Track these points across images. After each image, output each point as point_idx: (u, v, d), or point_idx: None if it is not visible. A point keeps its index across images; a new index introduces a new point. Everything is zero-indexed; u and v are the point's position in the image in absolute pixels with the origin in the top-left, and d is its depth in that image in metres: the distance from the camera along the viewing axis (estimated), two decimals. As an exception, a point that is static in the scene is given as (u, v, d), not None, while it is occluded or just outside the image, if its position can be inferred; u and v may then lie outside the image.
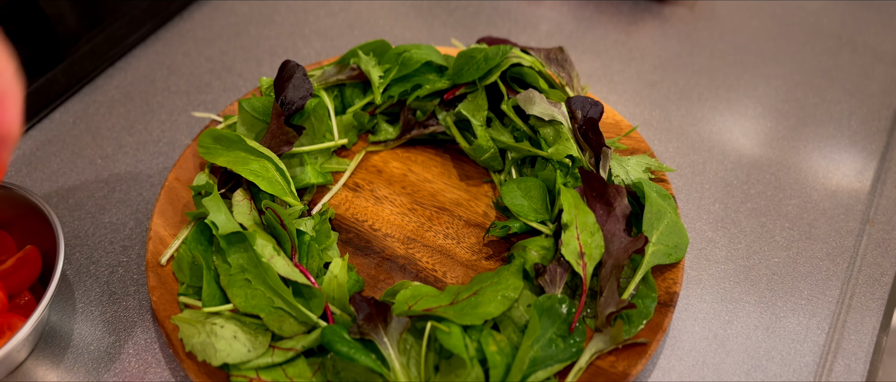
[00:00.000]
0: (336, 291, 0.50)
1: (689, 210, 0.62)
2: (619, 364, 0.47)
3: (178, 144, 0.67)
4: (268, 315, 0.47)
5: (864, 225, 0.61)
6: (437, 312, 0.46)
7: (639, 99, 0.72)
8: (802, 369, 0.51)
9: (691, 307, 0.54)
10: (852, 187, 0.64)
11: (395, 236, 0.56)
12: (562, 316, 0.47)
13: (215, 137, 0.57)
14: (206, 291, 0.49)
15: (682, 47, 0.79)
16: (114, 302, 0.55)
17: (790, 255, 0.58)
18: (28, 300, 0.52)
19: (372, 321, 0.46)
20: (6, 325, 0.49)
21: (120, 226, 0.60)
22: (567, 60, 0.65)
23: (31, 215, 0.53)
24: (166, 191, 0.57)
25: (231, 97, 0.71)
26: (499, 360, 0.45)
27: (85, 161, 0.65)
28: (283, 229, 0.51)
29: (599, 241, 0.50)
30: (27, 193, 0.52)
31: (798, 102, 0.72)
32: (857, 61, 0.77)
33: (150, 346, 0.52)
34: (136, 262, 0.57)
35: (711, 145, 0.67)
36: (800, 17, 0.83)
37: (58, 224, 0.51)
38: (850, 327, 0.54)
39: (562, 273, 0.49)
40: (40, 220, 0.52)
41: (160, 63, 0.75)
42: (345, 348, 0.44)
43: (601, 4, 0.84)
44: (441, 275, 0.53)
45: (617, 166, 0.56)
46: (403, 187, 0.59)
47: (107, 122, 0.69)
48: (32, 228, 0.53)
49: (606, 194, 0.52)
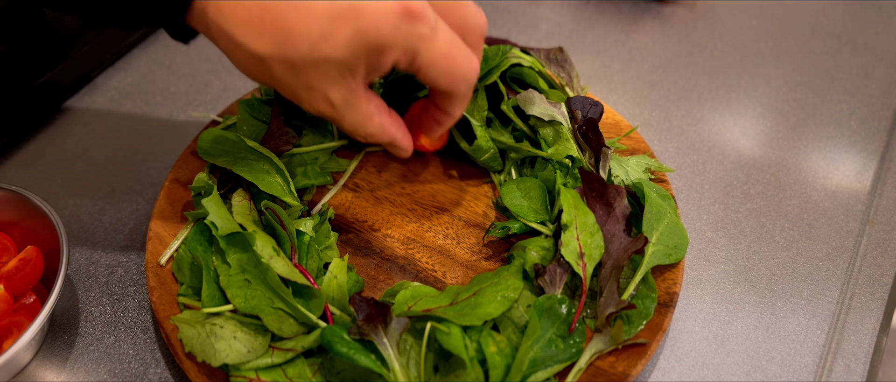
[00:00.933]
0: (336, 291, 0.50)
1: (689, 210, 0.62)
2: (618, 365, 0.47)
3: (177, 144, 0.67)
4: (267, 316, 0.47)
5: (864, 225, 0.61)
6: (437, 312, 0.46)
7: (639, 99, 0.72)
8: (802, 369, 0.51)
9: (691, 308, 0.54)
10: (852, 187, 0.64)
11: (395, 237, 0.56)
12: (561, 317, 0.47)
13: (214, 138, 0.57)
14: (205, 291, 0.49)
15: (682, 47, 0.79)
16: (114, 302, 0.55)
17: (790, 255, 0.58)
18: (33, 301, 0.52)
19: (372, 322, 0.46)
20: (13, 325, 0.49)
21: (120, 226, 0.60)
22: (567, 60, 0.65)
23: (30, 217, 0.53)
24: (166, 191, 0.57)
25: (231, 97, 0.71)
26: (498, 361, 0.45)
27: (84, 161, 0.65)
28: (283, 230, 0.51)
29: (599, 241, 0.50)
30: (27, 194, 0.52)
31: (798, 102, 0.72)
32: (857, 61, 0.77)
33: (150, 346, 0.52)
34: (136, 262, 0.57)
35: (711, 145, 0.67)
36: (800, 17, 0.83)
37: (60, 224, 0.51)
38: (850, 327, 0.54)
39: (561, 274, 0.49)
40: (40, 221, 0.52)
41: (160, 63, 0.75)
42: (344, 348, 0.44)
43: (601, 4, 0.84)
44: (441, 275, 0.53)
45: (617, 166, 0.56)
46: (403, 187, 0.59)
47: (107, 122, 0.69)
48: (32, 229, 0.53)
49: (606, 194, 0.52)
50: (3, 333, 0.49)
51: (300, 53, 0.38)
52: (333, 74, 0.40)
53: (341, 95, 0.42)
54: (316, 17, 0.37)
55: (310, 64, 0.39)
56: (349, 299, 0.48)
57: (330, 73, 0.40)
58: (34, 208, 0.52)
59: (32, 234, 0.53)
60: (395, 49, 0.39)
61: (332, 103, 0.42)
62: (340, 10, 0.37)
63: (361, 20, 0.38)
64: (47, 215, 0.51)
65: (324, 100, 0.42)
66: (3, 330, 0.49)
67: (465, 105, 0.47)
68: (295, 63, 0.39)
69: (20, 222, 0.54)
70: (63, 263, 0.49)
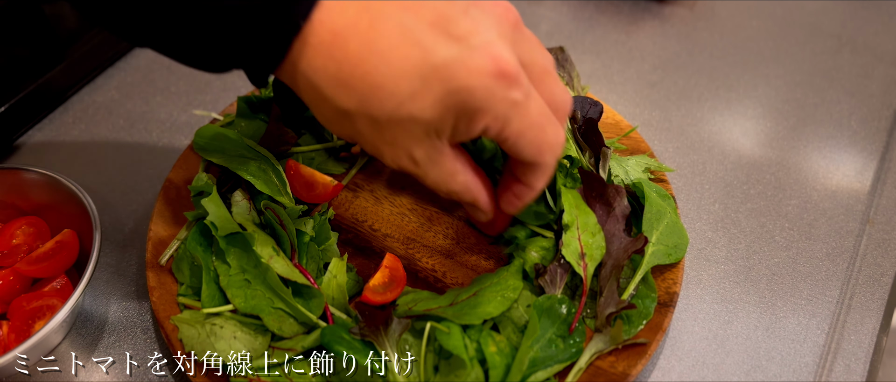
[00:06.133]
0: (336, 291, 0.50)
1: (688, 210, 0.62)
2: (618, 365, 0.47)
3: (177, 144, 0.67)
4: (267, 316, 0.47)
5: (864, 225, 0.61)
6: (437, 312, 0.46)
7: (639, 99, 0.72)
8: (802, 369, 0.51)
9: (691, 308, 0.54)
10: (852, 187, 0.64)
11: (395, 237, 0.56)
12: (561, 317, 0.47)
13: (213, 135, 0.57)
14: (205, 291, 0.49)
15: (682, 47, 0.79)
16: (113, 302, 0.55)
17: (790, 255, 0.58)
18: (65, 284, 0.52)
19: (372, 323, 0.46)
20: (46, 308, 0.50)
21: (120, 226, 0.60)
22: (567, 59, 0.65)
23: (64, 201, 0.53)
24: (166, 191, 0.57)
25: (231, 97, 0.71)
26: (498, 360, 0.45)
27: (84, 161, 0.65)
28: (283, 230, 0.51)
29: (600, 242, 0.50)
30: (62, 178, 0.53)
31: (798, 102, 0.72)
32: (857, 61, 0.77)
33: (150, 346, 0.52)
34: (136, 262, 0.57)
35: (711, 145, 0.67)
36: (800, 17, 0.83)
37: (93, 208, 0.51)
38: (850, 327, 0.54)
39: (562, 274, 0.49)
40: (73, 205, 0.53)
41: (160, 63, 0.75)
42: (344, 348, 0.44)
43: (601, 4, 0.84)
44: (441, 275, 0.53)
45: (616, 166, 0.56)
46: (403, 187, 0.59)
47: (107, 122, 0.69)
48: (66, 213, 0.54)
49: (606, 194, 0.52)
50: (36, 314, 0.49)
51: (386, 110, 0.37)
52: (418, 134, 0.38)
53: (426, 153, 0.40)
54: (406, 74, 0.36)
55: (395, 122, 0.37)
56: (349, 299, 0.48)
57: (415, 132, 0.38)
58: (68, 192, 0.53)
59: (66, 218, 0.54)
60: (488, 115, 0.37)
61: (415, 161, 0.41)
62: (433, 68, 0.36)
63: (454, 81, 0.36)
64: (81, 200, 0.52)
65: (407, 157, 0.40)
66: (34, 312, 0.49)
67: (548, 179, 0.44)
68: (379, 120, 0.37)
69: (54, 205, 0.55)
70: (95, 246, 0.49)
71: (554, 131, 0.40)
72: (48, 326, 0.45)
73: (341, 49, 0.36)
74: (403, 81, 0.36)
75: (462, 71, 0.36)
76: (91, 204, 0.51)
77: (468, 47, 0.36)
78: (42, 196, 0.55)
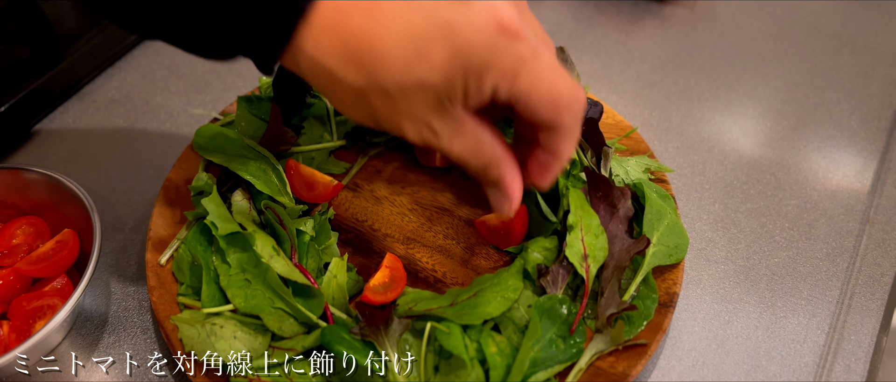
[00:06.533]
0: (336, 291, 0.50)
1: (689, 210, 0.62)
2: (619, 365, 0.47)
3: (177, 144, 0.67)
4: (268, 316, 0.47)
5: (864, 225, 0.61)
6: (437, 312, 0.46)
7: (639, 99, 0.72)
8: (802, 369, 0.51)
9: (691, 308, 0.54)
10: (852, 187, 0.64)
11: (395, 237, 0.56)
12: (562, 317, 0.47)
13: (213, 134, 0.57)
14: (205, 291, 0.49)
15: (682, 47, 0.79)
16: (114, 303, 0.55)
17: (790, 255, 0.58)
18: (65, 284, 0.52)
19: (373, 323, 0.46)
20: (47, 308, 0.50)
21: (120, 226, 0.60)
22: (568, 59, 0.65)
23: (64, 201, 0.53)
24: (166, 191, 0.57)
25: (231, 97, 0.71)
26: (499, 361, 0.45)
27: (84, 161, 0.65)
28: (283, 229, 0.51)
29: (603, 243, 0.50)
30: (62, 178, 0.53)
31: (798, 102, 0.72)
32: (857, 61, 0.77)
33: (150, 346, 0.52)
34: (136, 262, 0.57)
35: (711, 145, 0.67)
36: (800, 17, 0.83)
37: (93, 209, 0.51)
38: (850, 327, 0.54)
39: (564, 274, 0.49)
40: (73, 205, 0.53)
41: (160, 63, 0.75)
42: (345, 348, 0.44)
43: (601, 4, 0.84)
44: (441, 275, 0.53)
45: (617, 166, 0.56)
46: (403, 187, 0.59)
47: (107, 122, 0.69)
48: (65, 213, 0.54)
49: (611, 195, 0.52)
50: (36, 314, 0.49)
51: (395, 78, 0.36)
52: (431, 101, 0.38)
53: (444, 124, 0.39)
54: (409, 38, 0.36)
55: (405, 90, 0.37)
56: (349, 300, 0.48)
57: (427, 99, 0.38)
58: (68, 192, 0.53)
59: (66, 218, 0.54)
60: (494, 70, 0.37)
61: (435, 132, 0.40)
62: (436, 29, 0.35)
63: (458, 38, 0.36)
64: (81, 200, 0.52)
65: (427, 129, 0.40)
66: (35, 312, 0.49)
67: (574, 142, 0.42)
68: (390, 92, 0.37)
69: (54, 205, 0.55)
70: (95, 246, 0.49)
71: (569, 86, 0.39)
72: (48, 326, 0.45)
73: (345, 25, 0.36)
74: (408, 45, 0.36)
75: (464, 27, 0.36)
76: (91, 204, 0.51)
77: (470, 7, 0.36)
78: (42, 196, 0.55)
